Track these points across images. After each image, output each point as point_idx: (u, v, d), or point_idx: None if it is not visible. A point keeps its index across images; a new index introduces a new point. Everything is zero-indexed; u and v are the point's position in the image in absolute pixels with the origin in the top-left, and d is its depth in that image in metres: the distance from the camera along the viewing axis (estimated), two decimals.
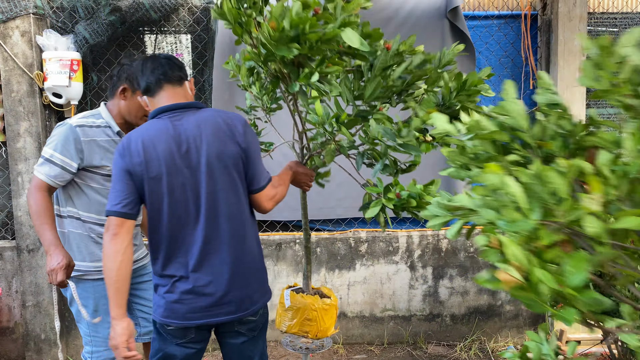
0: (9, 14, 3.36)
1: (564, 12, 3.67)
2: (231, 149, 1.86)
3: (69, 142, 2.23)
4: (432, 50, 3.70)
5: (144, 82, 1.92)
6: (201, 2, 3.58)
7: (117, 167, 1.82)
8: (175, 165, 1.81)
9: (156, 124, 1.85)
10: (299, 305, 2.26)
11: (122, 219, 1.80)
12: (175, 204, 1.83)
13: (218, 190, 1.85)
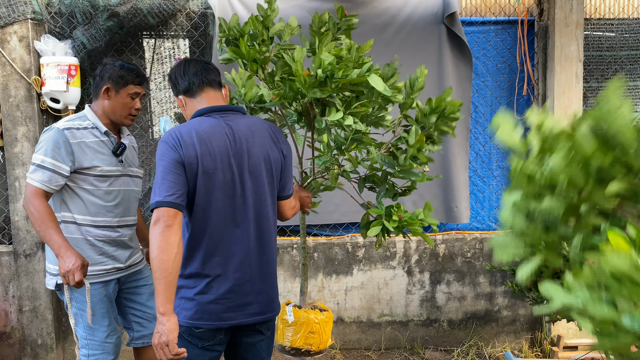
0: (7, 19, 3.36)
1: (560, 18, 3.68)
2: (276, 154, 1.95)
3: (58, 146, 2.25)
4: (428, 56, 3.74)
5: (186, 83, 1.97)
6: (199, 8, 3.59)
7: (168, 159, 1.80)
8: (228, 162, 1.85)
9: (208, 120, 1.88)
10: (302, 320, 2.33)
11: (175, 210, 1.77)
12: (224, 200, 1.85)
13: (262, 191, 1.92)
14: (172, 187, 1.77)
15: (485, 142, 3.94)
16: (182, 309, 1.88)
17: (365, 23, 3.62)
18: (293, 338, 2.33)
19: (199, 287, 1.86)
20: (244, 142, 1.88)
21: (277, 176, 1.98)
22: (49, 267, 2.43)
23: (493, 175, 3.97)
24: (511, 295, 3.89)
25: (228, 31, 2.13)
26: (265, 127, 1.97)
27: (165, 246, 1.74)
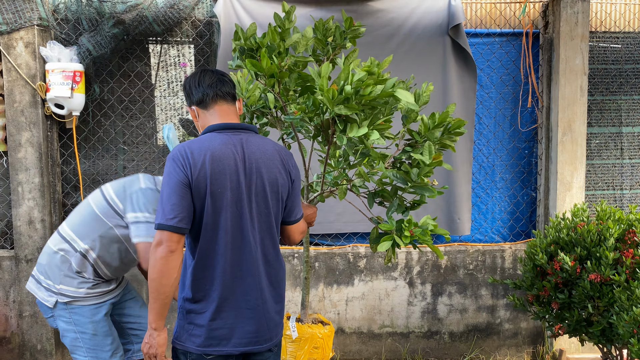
0: (14, 25, 3.38)
1: (565, 30, 3.68)
2: (284, 178, 1.92)
3: None
4: (433, 67, 3.74)
5: (200, 94, 1.94)
6: (204, 16, 3.61)
7: (175, 179, 1.76)
8: (237, 182, 1.82)
9: (220, 138, 1.85)
10: (306, 336, 2.35)
11: (179, 235, 1.75)
12: (232, 220, 1.82)
13: (268, 213, 1.89)
14: (176, 209, 1.74)
15: (489, 153, 3.93)
16: (191, 335, 1.83)
17: (370, 33, 3.62)
18: (297, 354, 2.35)
19: (208, 312, 1.82)
20: (253, 163, 1.85)
21: (283, 201, 1.95)
22: (50, 284, 2.38)
23: (496, 187, 3.95)
24: (513, 309, 3.87)
25: (245, 40, 2.11)
26: (276, 150, 1.94)
27: (167, 271, 1.73)
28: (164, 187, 1.77)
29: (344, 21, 2.33)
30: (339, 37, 2.31)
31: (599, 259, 2.73)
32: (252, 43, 2.11)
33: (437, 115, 2.07)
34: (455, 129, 2.05)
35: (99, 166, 3.68)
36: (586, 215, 3.04)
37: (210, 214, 1.79)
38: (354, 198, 2.58)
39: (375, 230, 2.20)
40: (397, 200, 2.11)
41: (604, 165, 3.97)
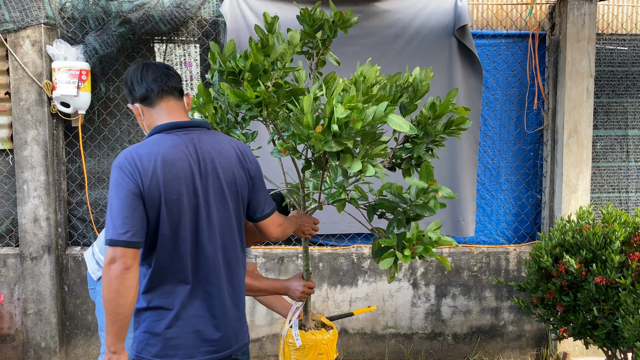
0: (21, 23, 3.40)
1: (572, 32, 3.67)
2: (242, 176, 1.81)
3: None
4: (439, 68, 3.73)
5: (143, 90, 1.78)
6: (210, 16, 3.61)
7: (124, 190, 1.61)
8: (193, 186, 1.70)
9: (170, 139, 1.71)
10: (310, 343, 2.31)
11: (134, 250, 1.61)
12: (190, 227, 1.71)
13: (228, 217, 1.79)
14: (128, 222, 1.60)
15: (494, 155, 3.92)
16: (148, 345, 1.72)
17: (375, 34, 3.61)
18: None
19: (165, 320, 1.71)
20: (209, 163, 1.73)
21: (245, 199, 1.84)
22: (101, 258, 2.38)
23: (501, 189, 3.94)
24: (517, 311, 3.86)
25: (223, 63, 1.91)
26: (232, 145, 1.81)
27: (124, 290, 1.59)
28: (113, 198, 1.62)
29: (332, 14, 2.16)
30: (328, 30, 2.15)
31: (604, 262, 2.72)
32: (232, 65, 1.90)
33: (437, 104, 1.95)
34: (459, 124, 1.94)
35: (104, 164, 3.69)
36: (592, 217, 3.03)
37: (167, 223, 1.67)
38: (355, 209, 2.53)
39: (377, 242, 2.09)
40: (398, 215, 1.98)
41: (610, 167, 3.96)
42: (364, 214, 2.17)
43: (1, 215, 3.64)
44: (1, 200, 3.63)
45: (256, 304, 3.71)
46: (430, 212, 1.85)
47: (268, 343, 3.77)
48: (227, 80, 1.96)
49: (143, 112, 1.81)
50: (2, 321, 3.60)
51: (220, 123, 2.17)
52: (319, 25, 2.14)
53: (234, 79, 1.95)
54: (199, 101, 2.13)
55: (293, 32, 2.03)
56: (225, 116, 2.19)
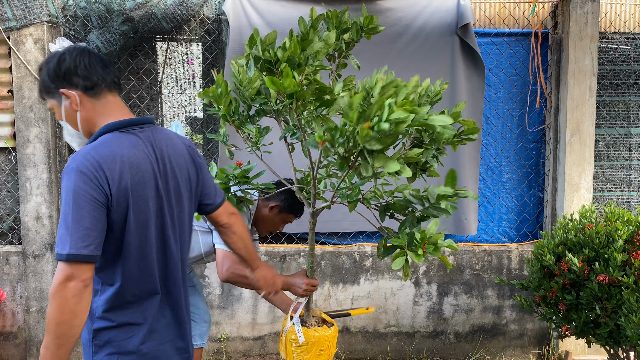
0: (23, 21, 3.40)
1: (575, 31, 3.66)
2: (194, 172, 1.73)
3: None
4: (441, 67, 3.73)
5: (94, 77, 1.57)
6: (213, 14, 3.61)
7: (85, 197, 1.42)
8: (157, 189, 1.58)
9: (127, 139, 1.55)
10: (313, 340, 2.34)
11: (91, 264, 1.44)
12: (157, 232, 1.60)
13: (184, 217, 1.70)
14: (91, 235, 1.42)
15: (497, 154, 3.92)
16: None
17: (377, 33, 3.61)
18: (304, 357, 2.33)
19: (137, 336, 1.58)
20: (167, 163, 1.62)
21: (197, 196, 1.76)
22: None
23: (504, 187, 3.94)
24: (519, 309, 3.86)
25: (262, 51, 1.94)
26: (183, 143, 1.72)
27: (80, 310, 1.42)
28: (69, 205, 1.42)
29: (363, 17, 2.15)
30: (355, 33, 2.15)
31: (607, 261, 2.72)
32: (270, 55, 1.92)
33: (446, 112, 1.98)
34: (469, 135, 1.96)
35: None
36: (594, 216, 3.02)
37: (134, 231, 1.52)
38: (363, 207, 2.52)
39: (384, 240, 2.11)
40: (411, 217, 2.01)
41: (612, 166, 3.96)
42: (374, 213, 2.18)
43: (4, 213, 3.64)
44: (4, 198, 3.63)
45: (258, 302, 3.72)
46: (446, 214, 1.89)
47: (270, 341, 3.78)
48: (262, 67, 1.99)
49: (82, 102, 1.57)
50: (5, 319, 3.60)
51: (233, 116, 2.19)
52: (344, 28, 2.15)
53: (270, 69, 1.97)
54: (217, 91, 2.13)
55: (330, 33, 2.04)
56: (238, 109, 2.20)
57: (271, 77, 1.82)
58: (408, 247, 1.93)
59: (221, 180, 2.27)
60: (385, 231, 2.15)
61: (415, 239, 1.90)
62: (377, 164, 1.72)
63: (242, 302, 3.73)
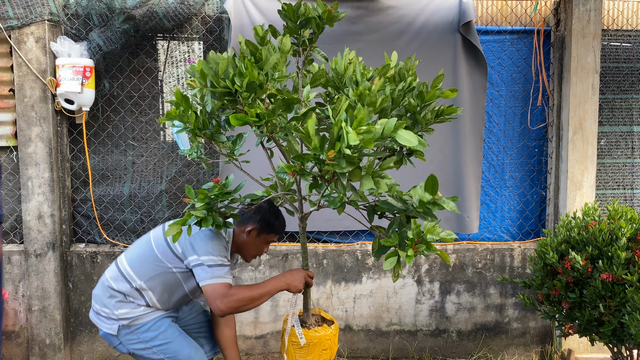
0: (24, 20, 3.39)
1: (577, 28, 3.65)
2: None
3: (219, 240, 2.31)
4: (443, 64, 3.71)
5: None
6: (214, 12, 3.60)
7: None
8: None
9: None
10: (315, 341, 2.33)
11: None
12: None
13: None
14: None
15: (499, 152, 3.91)
16: None
17: (379, 30, 3.60)
18: (307, 358, 2.33)
19: None
20: None
21: None
22: (107, 312, 2.39)
23: (506, 185, 3.93)
24: (522, 308, 3.85)
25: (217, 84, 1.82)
26: None
27: None
28: None
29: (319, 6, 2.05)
30: (314, 26, 2.07)
31: (610, 259, 2.71)
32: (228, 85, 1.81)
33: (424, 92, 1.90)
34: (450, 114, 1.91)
35: (108, 162, 3.69)
36: (597, 214, 3.02)
37: None
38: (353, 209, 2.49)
39: (377, 240, 2.08)
40: (399, 217, 1.97)
41: (615, 164, 3.95)
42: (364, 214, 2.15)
43: (6, 212, 3.64)
44: (6, 197, 3.63)
45: None
46: (432, 218, 1.84)
47: (272, 340, 3.77)
48: (221, 98, 1.88)
49: None
50: (7, 318, 3.60)
51: (203, 129, 2.09)
52: (304, 21, 2.05)
53: (231, 99, 1.86)
54: (179, 110, 2.04)
55: (284, 39, 1.94)
56: (207, 121, 2.09)
57: (234, 115, 1.76)
58: (400, 247, 1.89)
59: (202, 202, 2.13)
60: (377, 231, 2.11)
61: (406, 239, 1.86)
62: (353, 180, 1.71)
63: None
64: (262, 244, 2.45)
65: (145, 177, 3.72)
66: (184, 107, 2.01)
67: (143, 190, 3.68)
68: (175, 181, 3.71)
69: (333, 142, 1.64)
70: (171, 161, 3.72)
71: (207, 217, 2.12)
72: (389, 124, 1.66)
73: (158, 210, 3.69)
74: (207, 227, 2.12)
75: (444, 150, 3.69)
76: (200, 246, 2.27)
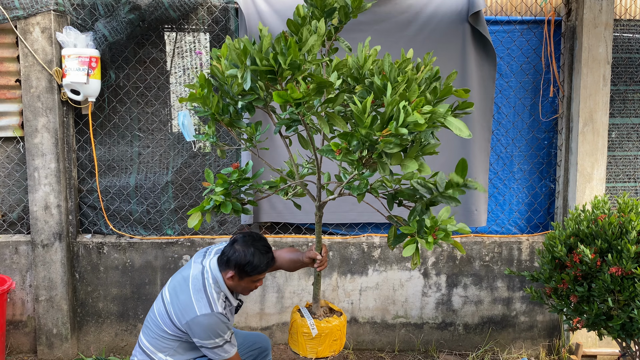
0: (30, 10, 3.38)
1: (589, 18, 3.58)
2: None
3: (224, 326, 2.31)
4: (451, 55, 3.67)
5: None
6: (220, 2, 3.57)
7: None
8: None
9: None
10: (326, 331, 2.34)
11: None
12: None
13: None
14: None
15: (507, 144, 3.86)
16: None
17: (388, 20, 3.56)
18: (318, 349, 2.36)
19: None
20: None
21: None
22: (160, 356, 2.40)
23: (514, 178, 3.89)
24: (529, 301, 3.82)
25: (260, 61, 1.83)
26: None
27: None
28: None
29: None
30: (343, 16, 2.08)
31: (620, 252, 2.67)
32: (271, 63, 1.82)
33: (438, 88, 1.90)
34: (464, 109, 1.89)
35: (114, 152, 3.68)
36: (607, 207, 2.97)
37: None
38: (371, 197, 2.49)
39: (394, 229, 2.08)
40: (420, 204, 1.98)
41: (626, 157, 3.89)
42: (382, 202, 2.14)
43: (13, 202, 3.65)
44: (12, 187, 3.64)
45: (266, 292, 3.71)
46: (456, 202, 1.86)
47: (278, 331, 3.77)
48: (263, 78, 1.89)
49: None
50: (15, 308, 3.62)
51: (223, 114, 2.11)
52: (330, 10, 2.06)
53: (271, 77, 1.87)
54: (202, 92, 2.05)
55: (319, 23, 1.97)
56: (227, 107, 2.11)
57: (278, 92, 1.76)
58: (418, 235, 1.90)
59: (221, 187, 2.16)
60: (395, 219, 2.12)
61: (425, 227, 1.87)
62: (392, 163, 1.72)
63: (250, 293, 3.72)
64: (249, 284, 2.35)
65: (152, 168, 3.71)
66: (208, 89, 2.03)
67: (149, 181, 3.68)
68: (181, 172, 3.70)
69: (386, 121, 1.65)
70: (177, 152, 3.71)
71: (226, 202, 2.13)
72: (439, 109, 1.68)
73: (164, 201, 3.69)
74: (227, 211, 2.14)
75: (451, 142, 3.65)
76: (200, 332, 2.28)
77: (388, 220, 2.16)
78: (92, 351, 3.70)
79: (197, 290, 2.29)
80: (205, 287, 2.30)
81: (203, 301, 2.26)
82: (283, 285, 3.72)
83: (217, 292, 2.31)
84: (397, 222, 2.10)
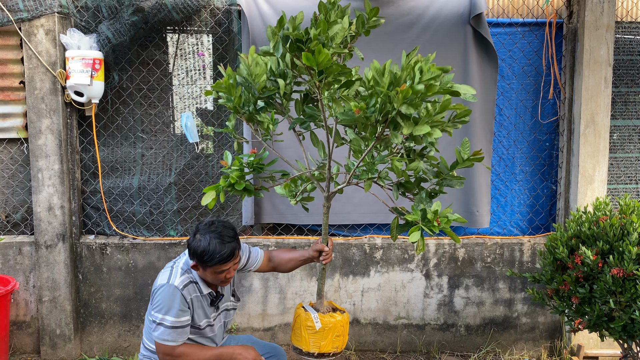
0: (34, 12, 3.40)
1: (590, 20, 3.60)
2: None
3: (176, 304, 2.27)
4: (453, 57, 3.68)
5: None
6: (223, 4, 3.59)
7: None
8: None
9: None
10: (330, 326, 2.37)
11: None
12: None
13: None
14: None
15: (509, 145, 3.87)
16: None
17: (390, 22, 3.57)
18: (321, 344, 2.37)
19: None
20: None
21: None
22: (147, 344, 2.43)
23: (516, 179, 3.90)
24: (531, 302, 3.82)
25: (293, 29, 2.00)
26: None
27: None
28: None
29: (366, 11, 2.19)
30: (360, 26, 2.21)
31: (621, 254, 2.68)
32: (301, 34, 2.00)
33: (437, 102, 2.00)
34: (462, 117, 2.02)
35: (117, 154, 3.70)
36: (609, 209, 2.98)
37: None
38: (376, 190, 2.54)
39: (396, 220, 2.17)
40: (424, 193, 2.10)
41: (627, 158, 3.90)
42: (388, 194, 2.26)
43: (16, 203, 3.67)
44: (16, 188, 3.66)
45: (268, 293, 3.72)
46: (460, 184, 2.08)
47: (280, 332, 3.78)
48: (291, 47, 2.03)
49: None
50: (18, 308, 3.64)
51: (243, 108, 2.22)
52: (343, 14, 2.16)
53: (300, 47, 2.01)
54: (228, 82, 2.17)
55: (345, 17, 2.10)
56: (248, 102, 2.22)
57: (306, 53, 1.88)
58: (422, 222, 2.03)
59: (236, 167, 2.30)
60: (399, 210, 2.21)
61: (429, 214, 2.01)
62: (405, 131, 1.85)
63: (253, 294, 3.73)
64: (214, 275, 2.28)
65: (154, 169, 3.73)
66: (234, 81, 2.17)
67: (152, 183, 3.70)
68: (184, 173, 3.72)
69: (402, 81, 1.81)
70: (180, 153, 3.73)
71: (240, 182, 2.26)
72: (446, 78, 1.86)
73: (167, 202, 3.70)
74: (240, 188, 2.24)
75: (453, 143, 3.65)
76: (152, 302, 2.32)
77: (392, 212, 2.23)
78: (95, 352, 3.71)
79: (164, 269, 2.38)
80: (172, 266, 2.37)
81: (165, 275, 2.33)
82: (285, 286, 3.73)
83: (182, 272, 2.32)
84: (401, 212, 2.19)
